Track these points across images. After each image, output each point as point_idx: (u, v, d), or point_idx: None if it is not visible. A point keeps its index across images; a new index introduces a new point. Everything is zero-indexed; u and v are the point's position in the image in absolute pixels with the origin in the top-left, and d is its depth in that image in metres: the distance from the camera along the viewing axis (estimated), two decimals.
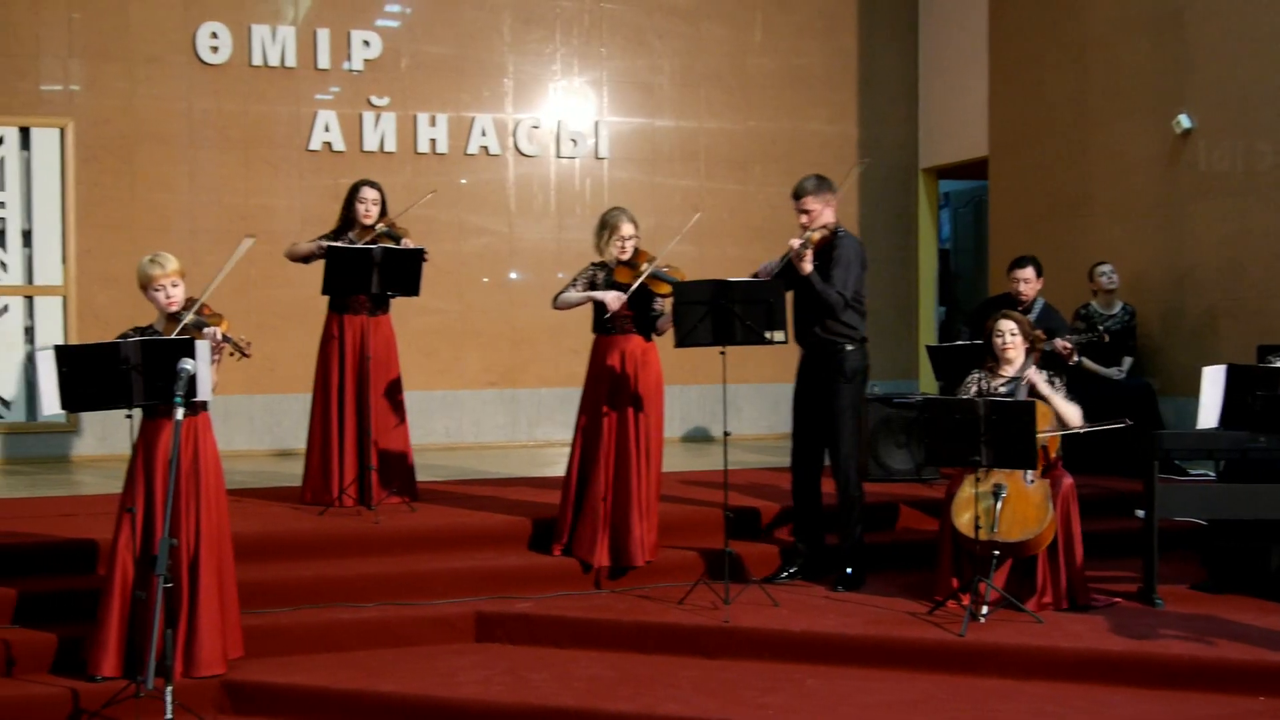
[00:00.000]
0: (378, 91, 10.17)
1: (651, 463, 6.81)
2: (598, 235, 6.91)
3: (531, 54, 10.55)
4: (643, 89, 10.79)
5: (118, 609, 5.55)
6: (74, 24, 9.55)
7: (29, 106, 9.48)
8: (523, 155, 10.51)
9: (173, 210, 9.74)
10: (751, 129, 11.01)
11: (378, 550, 6.83)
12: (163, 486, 5.57)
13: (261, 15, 9.92)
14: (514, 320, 10.47)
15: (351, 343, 7.44)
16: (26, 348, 9.42)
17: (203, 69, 9.81)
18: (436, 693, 5.54)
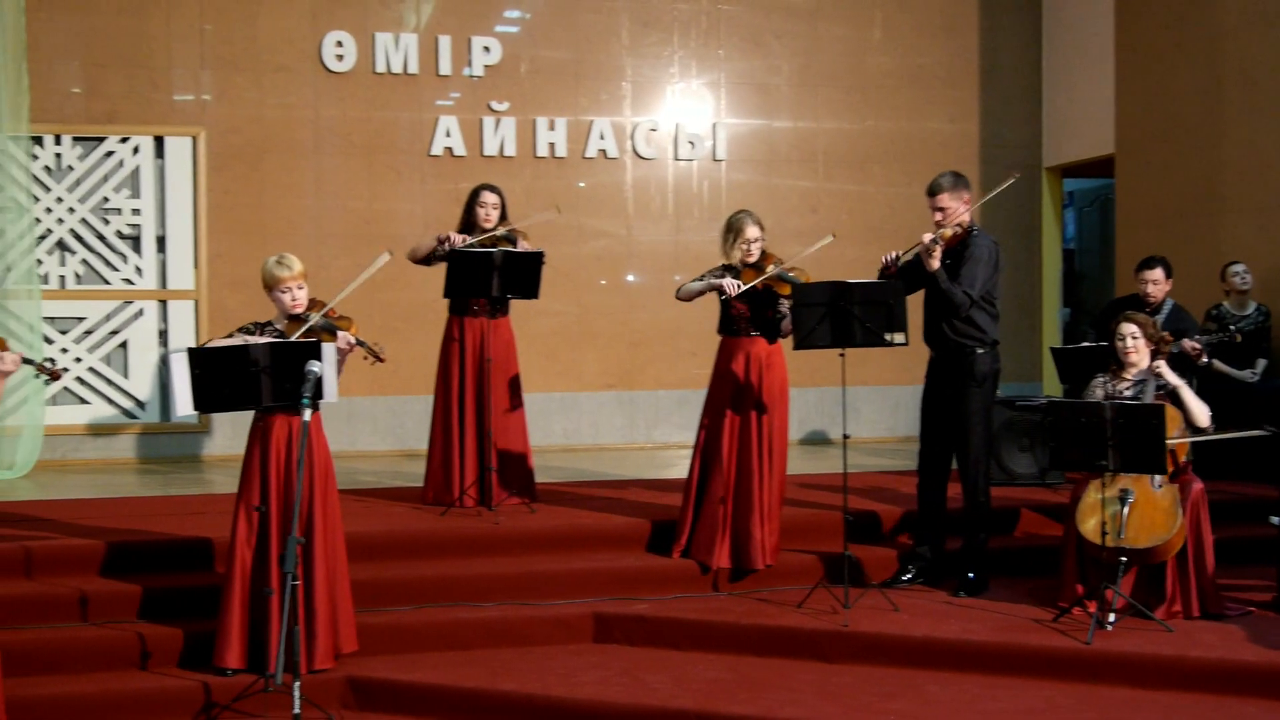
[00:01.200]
0: (498, 96, 10.29)
1: (774, 466, 6.79)
2: (723, 238, 6.91)
3: (649, 57, 10.58)
4: (760, 90, 10.76)
5: (239, 604, 5.69)
6: (205, 36, 9.82)
7: (163, 116, 9.76)
8: (641, 158, 10.55)
9: (299, 216, 9.96)
10: (870, 129, 10.91)
11: (498, 550, 6.91)
12: (278, 484, 5.70)
13: (385, 23, 10.09)
14: (632, 322, 10.51)
15: (472, 345, 7.54)
16: (160, 350, 9.70)
17: (328, 77, 10.02)
18: (555, 692, 5.59)
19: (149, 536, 6.70)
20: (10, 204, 9.05)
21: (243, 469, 5.81)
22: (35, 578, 6.32)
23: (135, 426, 9.68)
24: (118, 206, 9.64)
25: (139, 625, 6.02)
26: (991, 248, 6.66)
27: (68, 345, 9.54)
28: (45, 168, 9.50)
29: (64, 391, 9.53)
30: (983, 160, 10.98)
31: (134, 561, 6.47)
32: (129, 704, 5.58)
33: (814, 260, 9.93)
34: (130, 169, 9.66)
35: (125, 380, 9.65)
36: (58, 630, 5.97)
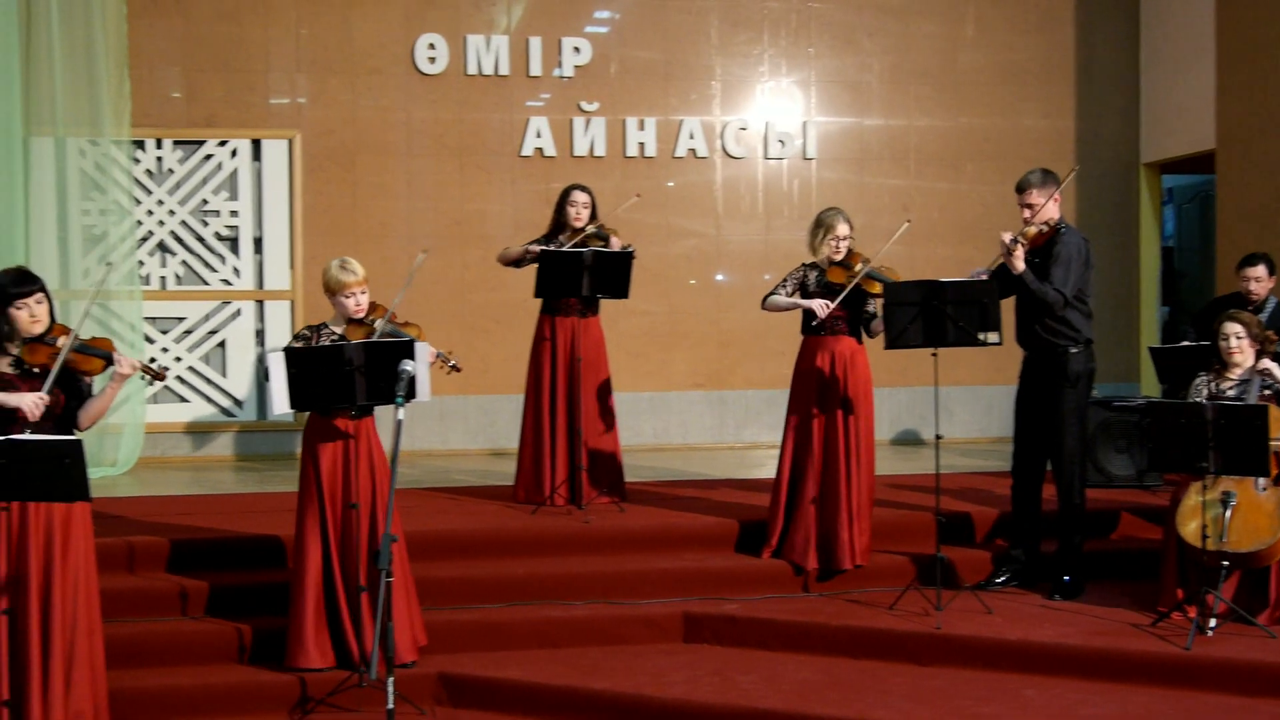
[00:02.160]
0: (588, 97, 10.32)
1: (862, 466, 6.74)
2: (812, 235, 6.88)
3: (739, 56, 10.55)
4: (851, 88, 10.68)
5: (312, 606, 5.76)
6: (301, 40, 9.97)
7: (260, 119, 9.93)
8: (730, 157, 10.52)
9: (391, 217, 10.07)
10: (963, 126, 10.79)
11: (588, 549, 6.93)
12: (345, 482, 5.76)
13: (476, 25, 10.18)
14: (721, 322, 10.48)
15: (562, 344, 7.57)
16: (257, 350, 9.87)
17: (420, 79, 10.12)
18: (646, 691, 5.60)
19: (246, 533, 6.82)
20: (113, 207, 9.26)
21: (302, 468, 5.87)
22: (137, 572, 6.47)
23: (233, 424, 9.86)
24: (216, 208, 9.82)
25: (236, 620, 6.13)
26: (1081, 244, 6.55)
27: (168, 345, 9.74)
28: (147, 171, 9.71)
29: (164, 390, 9.73)
30: (1078, 157, 10.79)
31: (231, 557, 6.59)
32: (227, 697, 5.69)
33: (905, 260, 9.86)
34: (228, 172, 9.84)
35: (223, 379, 9.83)
36: (159, 624, 6.11)
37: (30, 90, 8.86)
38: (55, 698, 5.09)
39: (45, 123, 9.03)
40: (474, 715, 5.67)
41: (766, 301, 6.97)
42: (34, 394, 5.06)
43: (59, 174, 9.17)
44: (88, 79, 9.08)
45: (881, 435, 10.47)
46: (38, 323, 5.15)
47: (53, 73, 8.94)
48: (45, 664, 5.10)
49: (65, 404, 5.21)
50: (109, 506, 7.39)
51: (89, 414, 5.27)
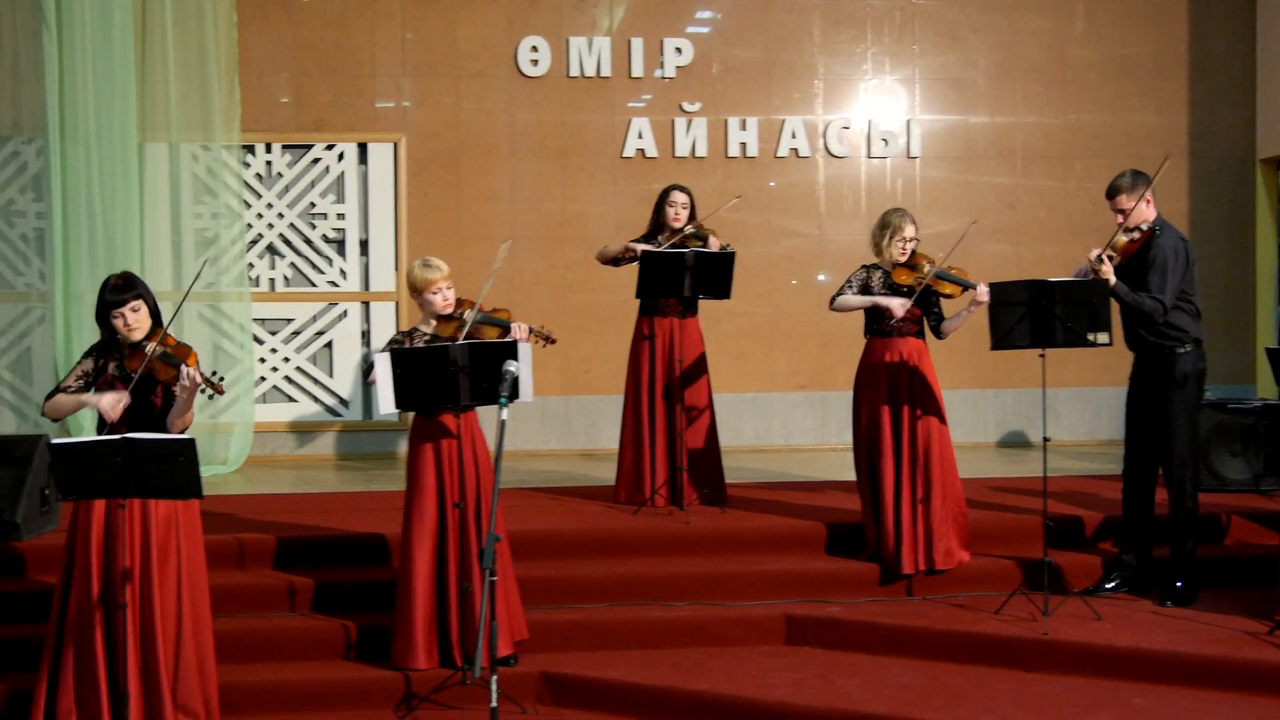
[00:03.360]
0: (689, 97, 10.31)
1: (945, 465, 6.65)
2: (877, 235, 6.81)
3: (842, 54, 10.47)
4: (956, 85, 10.54)
5: (422, 605, 5.81)
6: (406, 44, 10.09)
7: (366, 123, 10.08)
8: (833, 156, 10.44)
9: (495, 218, 10.15)
10: (1071, 123, 10.58)
11: (689, 550, 6.93)
12: (451, 481, 5.81)
13: (579, 27, 10.22)
14: (823, 322, 10.39)
15: (662, 345, 7.58)
16: (362, 350, 10.02)
17: (523, 82, 10.19)
18: (747, 693, 5.58)
19: (352, 531, 6.92)
20: (224, 210, 9.46)
21: (409, 468, 5.93)
22: (247, 569, 6.59)
23: (338, 424, 10.01)
24: (324, 211, 9.99)
25: (342, 617, 6.22)
26: (1178, 245, 6.38)
27: (276, 345, 9.92)
28: (256, 175, 9.90)
29: (273, 390, 9.92)
30: (1191, 153, 10.55)
31: (338, 554, 6.70)
32: (334, 693, 5.78)
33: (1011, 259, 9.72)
34: (335, 175, 10.00)
35: (329, 379, 9.99)
36: (268, 620, 6.22)
37: (145, 98, 9.08)
38: (164, 692, 5.20)
39: (159, 129, 9.26)
40: (575, 714, 5.70)
41: (835, 302, 6.90)
42: (113, 394, 5.20)
43: (172, 179, 9.40)
44: (200, 86, 9.29)
45: (987, 437, 10.38)
46: (135, 330, 5.28)
47: (167, 81, 9.16)
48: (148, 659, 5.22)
49: (160, 408, 5.33)
50: (219, 504, 7.55)
51: (172, 423, 5.36)
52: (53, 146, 8.50)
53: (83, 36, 8.45)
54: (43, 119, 8.55)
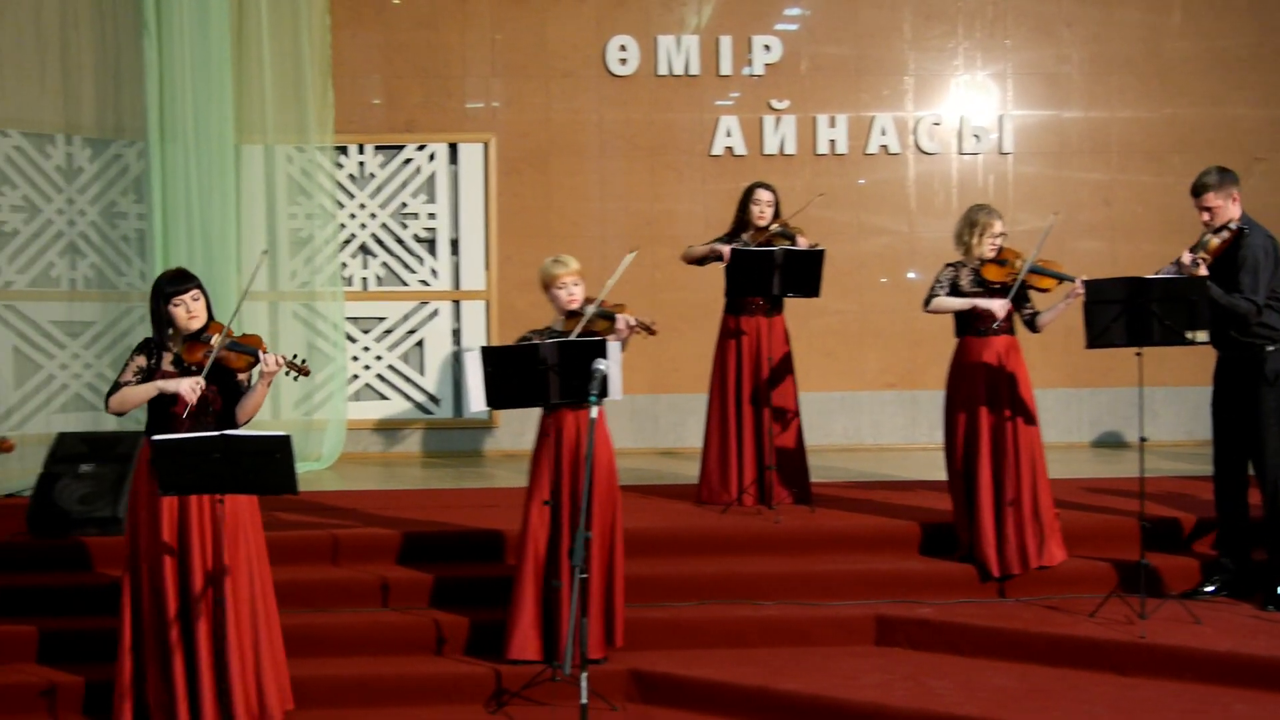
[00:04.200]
0: (778, 95, 10.28)
1: (1037, 464, 6.56)
2: (963, 232, 6.72)
3: (933, 50, 10.37)
4: (1049, 80, 10.39)
5: (531, 595, 5.87)
6: (496, 45, 10.17)
7: (456, 124, 10.17)
8: (923, 153, 10.35)
9: (584, 217, 10.20)
10: (1168, 117, 10.39)
11: (777, 549, 6.91)
12: (568, 479, 5.85)
13: (667, 26, 10.23)
14: (914, 321, 10.28)
15: (749, 343, 7.55)
16: (454, 349, 10.12)
17: (612, 81, 10.22)
18: (837, 694, 5.54)
19: (442, 527, 6.99)
20: (318, 211, 9.61)
21: (532, 463, 5.99)
22: (340, 564, 6.69)
23: (430, 421, 10.12)
24: (415, 211, 10.10)
25: (433, 612, 6.29)
26: (1266, 244, 6.26)
27: (369, 344, 10.05)
28: (350, 176, 10.03)
29: (365, 388, 10.05)
30: None
31: (428, 550, 6.77)
32: (425, 687, 5.84)
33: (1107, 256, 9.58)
34: (427, 175, 10.10)
35: (421, 377, 10.10)
36: (361, 614, 6.30)
37: (241, 101, 9.25)
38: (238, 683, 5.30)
39: (255, 131, 9.43)
40: (664, 712, 5.70)
41: (930, 304, 6.81)
42: (191, 378, 5.27)
43: (268, 180, 9.57)
44: (294, 89, 9.45)
45: (1082, 437, 10.23)
46: (194, 319, 5.35)
47: (262, 83, 9.32)
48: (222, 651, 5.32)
49: (223, 401, 5.40)
50: (313, 500, 7.66)
51: (244, 410, 5.44)
52: (153, 149, 8.69)
53: (181, 41, 8.63)
54: (143, 122, 8.74)
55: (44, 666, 5.95)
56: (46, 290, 8.96)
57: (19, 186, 8.84)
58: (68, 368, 9.03)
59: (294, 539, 6.77)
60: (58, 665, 5.92)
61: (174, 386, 5.26)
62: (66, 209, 9.02)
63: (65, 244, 9.03)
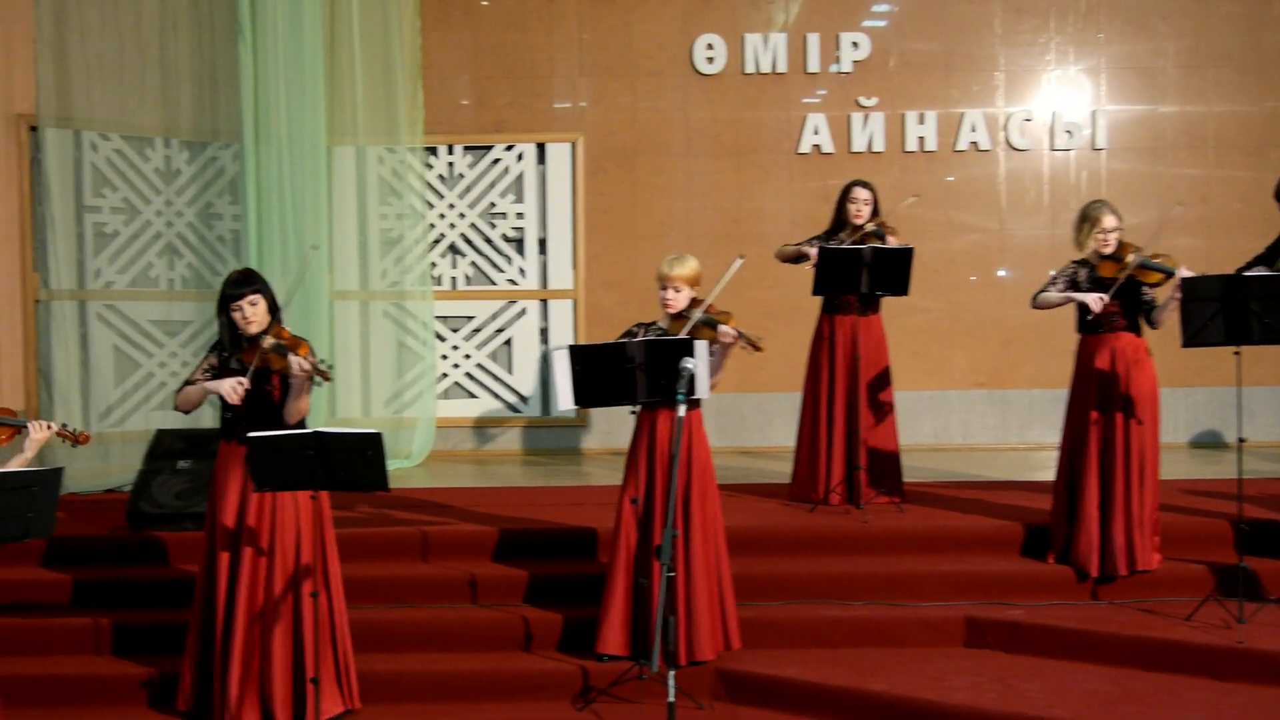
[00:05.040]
0: (866, 92, 10.21)
1: (1146, 469, 6.45)
2: (1077, 229, 6.66)
3: (1024, 45, 10.23)
4: (1144, 74, 10.21)
5: (621, 593, 5.89)
6: (583, 44, 10.22)
7: (544, 124, 10.23)
8: (1014, 149, 10.22)
9: (670, 217, 10.21)
10: (1269, 111, 10.15)
11: (866, 549, 6.87)
12: (662, 477, 5.86)
13: (754, 24, 10.21)
14: (1004, 319, 10.20)
15: (842, 343, 7.51)
16: (541, 348, 10.18)
17: (699, 79, 10.22)
18: (925, 695, 5.51)
19: (532, 525, 7.04)
20: (408, 211, 9.72)
21: (627, 461, 6.02)
22: (430, 560, 6.77)
23: (518, 420, 10.19)
24: (503, 211, 10.17)
25: (523, 608, 6.34)
26: None
27: (458, 343, 10.15)
28: (439, 176, 10.14)
29: (454, 386, 10.15)
30: None
31: (518, 547, 6.82)
32: (513, 683, 5.90)
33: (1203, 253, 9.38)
34: (515, 175, 10.17)
35: (509, 376, 10.18)
36: (450, 610, 6.37)
37: (333, 103, 9.39)
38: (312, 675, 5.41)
39: (346, 133, 9.57)
40: (751, 712, 5.70)
41: (1037, 299, 6.75)
42: (232, 379, 5.39)
43: (359, 181, 9.71)
44: (385, 90, 9.57)
45: (1178, 437, 10.03)
46: (252, 323, 5.47)
47: (354, 86, 9.45)
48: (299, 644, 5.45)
49: (279, 399, 5.50)
50: (404, 497, 7.75)
51: (288, 413, 5.53)
52: (248, 151, 8.85)
53: (275, 45, 8.78)
54: (239, 125, 8.90)
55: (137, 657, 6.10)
56: (145, 290, 9.17)
57: (119, 189, 9.05)
58: (166, 366, 9.23)
59: (384, 535, 6.87)
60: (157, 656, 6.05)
61: (215, 387, 5.45)
62: (165, 210, 9.22)
63: (163, 245, 9.23)
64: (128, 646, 6.19)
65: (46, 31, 8.68)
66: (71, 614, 6.40)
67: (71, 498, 7.88)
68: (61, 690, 5.93)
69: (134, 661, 6.05)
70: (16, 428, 5.04)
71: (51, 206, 8.72)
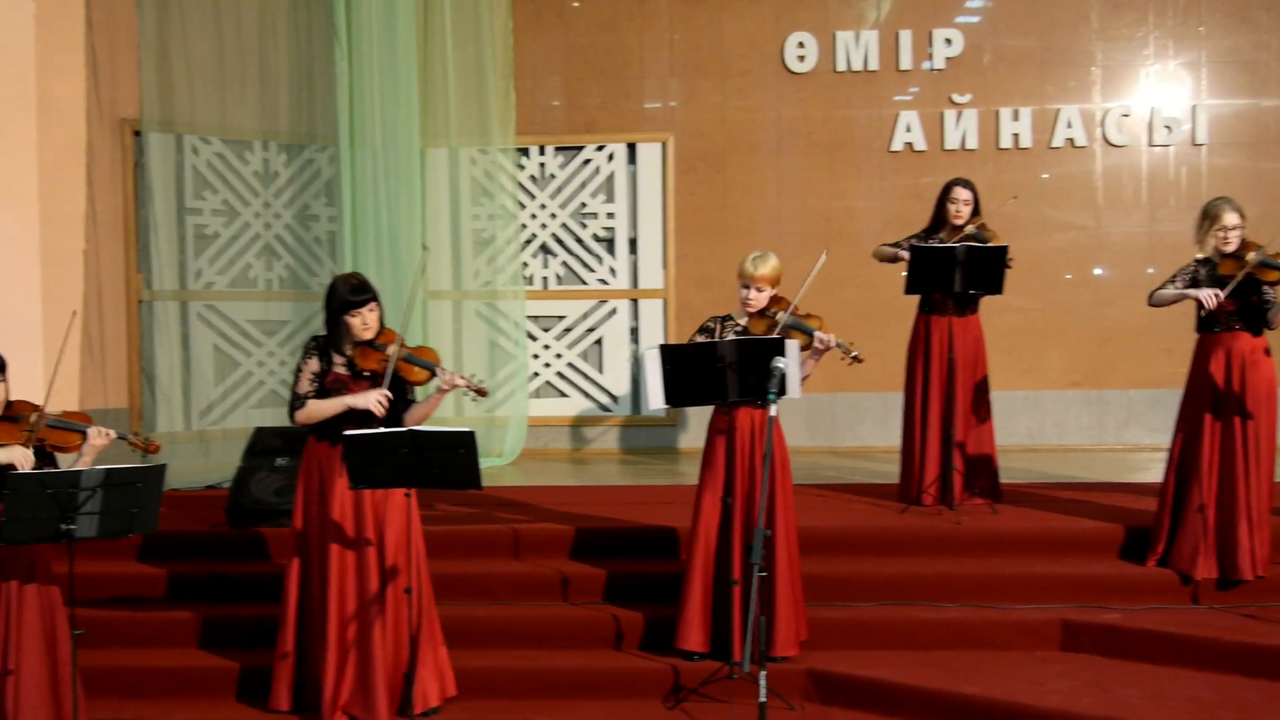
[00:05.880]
0: (959, 89, 10.11)
1: (1262, 471, 6.31)
2: (1197, 227, 6.51)
3: (1121, 39, 10.06)
4: (1247, 68, 9.99)
5: (700, 591, 5.89)
6: (674, 44, 10.24)
7: (635, 124, 10.27)
8: (1111, 145, 10.05)
9: (760, 215, 10.19)
10: None
11: (959, 551, 6.79)
12: (742, 476, 5.86)
13: (846, 21, 10.15)
14: (1100, 318, 10.04)
15: (938, 343, 7.42)
16: (632, 347, 10.21)
17: (789, 78, 10.19)
18: (1020, 699, 5.44)
19: (619, 523, 7.06)
20: (500, 212, 9.81)
21: (704, 460, 6.02)
22: (522, 558, 6.82)
23: (609, 419, 10.24)
24: (594, 211, 10.22)
25: (609, 607, 6.37)
26: None
27: (549, 342, 10.22)
28: (531, 177, 10.21)
29: (545, 385, 10.22)
30: None
31: (604, 545, 6.85)
32: (604, 681, 5.92)
33: None
34: (605, 175, 10.22)
35: (600, 375, 10.22)
36: (542, 608, 6.41)
37: (427, 105, 9.50)
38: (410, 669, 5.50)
39: (440, 135, 9.68)
40: (842, 713, 5.67)
41: (1153, 296, 6.61)
42: (377, 391, 5.44)
43: (452, 182, 9.82)
44: (477, 92, 9.66)
45: None
46: (368, 329, 5.53)
47: (447, 88, 9.56)
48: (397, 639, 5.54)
49: (393, 407, 5.56)
50: (497, 494, 7.82)
51: (413, 418, 5.61)
52: (343, 153, 8.99)
53: (370, 50, 8.90)
54: (334, 128, 9.04)
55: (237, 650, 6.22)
56: (244, 291, 9.35)
57: (219, 191, 9.24)
58: (264, 365, 9.41)
59: (476, 533, 6.93)
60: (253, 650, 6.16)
61: (363, 403, 5.45)
62: (263, 212, 9.40)
63: (261, 246, 9.41)
64: (223, 640, 6.31)
65: (150, 38, 8.90)
66: (168, 608, 6.54)
67: (173, 494, 8.04)
68: (158, 682, 6.05)
69: (229, 655, 6.16)
70: (82, 433, 5.13)
71: (154, 209, 8.94)
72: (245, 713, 5.83)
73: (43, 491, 4.70)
